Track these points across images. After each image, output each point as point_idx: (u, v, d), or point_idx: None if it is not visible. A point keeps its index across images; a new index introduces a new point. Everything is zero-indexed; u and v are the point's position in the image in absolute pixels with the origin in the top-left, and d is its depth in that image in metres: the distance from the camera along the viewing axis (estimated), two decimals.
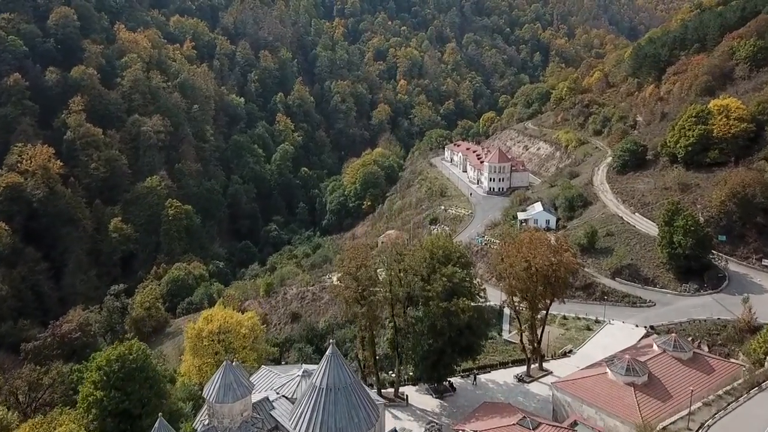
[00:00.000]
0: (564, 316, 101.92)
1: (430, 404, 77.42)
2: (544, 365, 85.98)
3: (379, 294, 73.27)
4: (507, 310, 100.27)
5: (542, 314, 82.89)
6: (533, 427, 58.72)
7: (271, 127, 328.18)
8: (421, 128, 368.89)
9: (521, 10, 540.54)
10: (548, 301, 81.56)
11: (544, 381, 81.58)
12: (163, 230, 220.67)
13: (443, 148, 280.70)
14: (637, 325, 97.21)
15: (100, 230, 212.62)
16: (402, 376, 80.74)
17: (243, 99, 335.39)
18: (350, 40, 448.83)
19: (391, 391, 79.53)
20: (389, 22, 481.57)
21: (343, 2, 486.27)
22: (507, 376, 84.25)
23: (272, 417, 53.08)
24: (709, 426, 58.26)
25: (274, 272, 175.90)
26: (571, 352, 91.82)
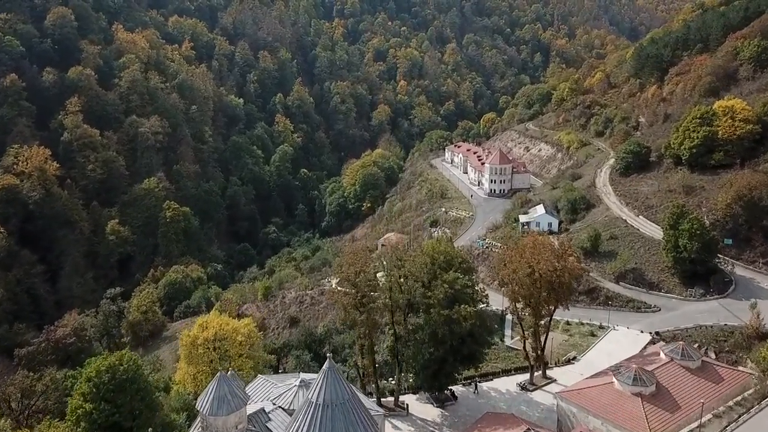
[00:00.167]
0: (567, 322, 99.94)
1: (431, 414, 75.55)
2: (548, 373, 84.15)
3: (378, 301, 71.43)
4: (509, 315, 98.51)
5: (546, 321, 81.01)
6: None
7: (270, 128, 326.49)
8: (421, 129, 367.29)
9: (521, 10, 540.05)
10: (552, 308, 79.75)
11: (548, 389, 79.82)
12: (161, 232, 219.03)
13: (443, 149, 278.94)
14: (642, 331, 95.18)
15: (97, 232, 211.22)
16: (402, 385, 78.87)
17: (242, 100, 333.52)
18: (350, 40, 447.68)
19: (391, 399, 77.75)
20: (389, 23, 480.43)
21: (342, 2, 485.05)
22: (509, 384, 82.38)
23: (268, 429, 51.33)
24: None
25: (272, 275, 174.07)
26: (575, 359, 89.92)
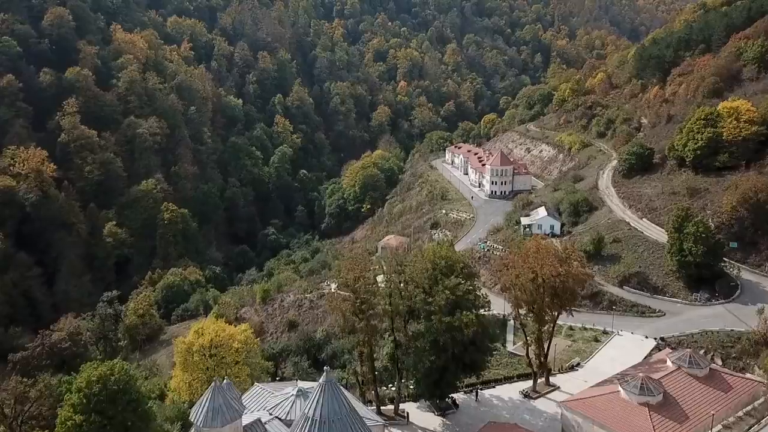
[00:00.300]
0: (570, 327, 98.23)
1: (432, 423, 73.94)
2: (551, 380, 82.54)
3: (378, 307, 69.68)
4: (511, 320, 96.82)
5: (549, 327, 79.20)
6: None
7: (269, 129, 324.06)
8: (421, 130, 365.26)
9: (522, 10, 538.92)
10: (555, 314, 78.00)
11: (552, 397, 78.25)
12: (159, 234, 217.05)
13: (444, 150, 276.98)
14: (646, 337, 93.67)
15: (95, 235, 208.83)
16: (402, 393, 77.10)
17: (241, 100, 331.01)
18: (350, 40, 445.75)
19: (391, 407, 76.08)
20: (389, 23, 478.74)
21: (342, 3, 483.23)
22: (512, 392, 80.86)
23: None
24: None
25: (271, 278, 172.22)
26: (578, 365, 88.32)
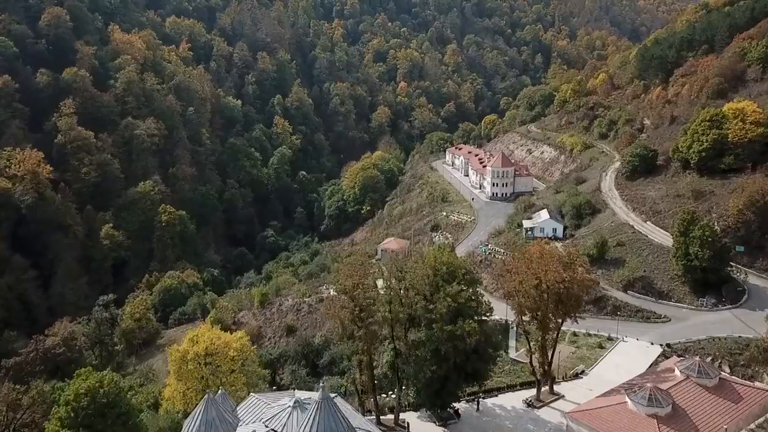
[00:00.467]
0: (574, 333, 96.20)
1: None
2: (555, 388, 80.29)
3: (378, 315, 67.60)
4: (514, 327, 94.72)
5: (553, 334, 77.15)
6: None
7: (268, 130, 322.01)
8: (421, 131, 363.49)
9: (522, 11, 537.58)
10: (560, 320, 75.96)
11: (556, 406, 76.05)
12: (156, 237, 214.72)
13: (444, 151, 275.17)
14: (652, 343, 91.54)
15: (91, 237, 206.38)
16: (402, 402, 75.01)
17: (240, 101, 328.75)
18: (350, 41, 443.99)
19: (391, 417, 73.88)
20: (389, 24, 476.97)
21: (342, 3, 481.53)
22: (515, 401, 78.57)
23: None
24: None
25: (269, 281, 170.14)
26: (583, 372, 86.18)
